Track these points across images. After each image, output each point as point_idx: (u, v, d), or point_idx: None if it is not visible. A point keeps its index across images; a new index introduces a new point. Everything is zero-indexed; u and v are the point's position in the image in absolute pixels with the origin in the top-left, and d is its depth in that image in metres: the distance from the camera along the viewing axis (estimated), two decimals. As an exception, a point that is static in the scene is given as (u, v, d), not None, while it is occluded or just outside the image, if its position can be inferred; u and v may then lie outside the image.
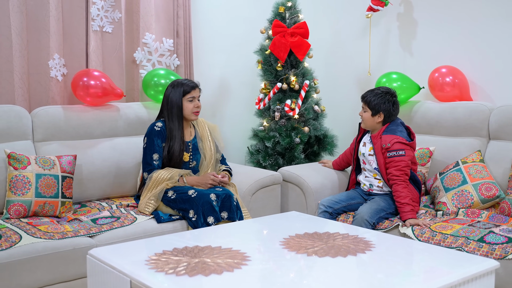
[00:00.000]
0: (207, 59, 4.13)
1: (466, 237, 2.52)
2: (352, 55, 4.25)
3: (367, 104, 3.05)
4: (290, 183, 3.41)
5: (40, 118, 3.11)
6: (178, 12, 3.81)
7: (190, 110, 3.11)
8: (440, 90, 3.47)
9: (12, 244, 2.42)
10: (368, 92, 3.09)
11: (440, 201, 3.00)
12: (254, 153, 3.93)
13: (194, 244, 2.14)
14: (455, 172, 3.05)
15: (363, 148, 3.14)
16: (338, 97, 4.35)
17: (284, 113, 3.78)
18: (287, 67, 3.82)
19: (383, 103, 3.01)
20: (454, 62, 3.55)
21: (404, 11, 3.88)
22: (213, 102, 4.23)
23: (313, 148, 3.93)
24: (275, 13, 3.86)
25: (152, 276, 1.82)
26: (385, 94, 3.03)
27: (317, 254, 2.04)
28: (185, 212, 2.87)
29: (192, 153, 3.17)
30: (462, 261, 2.02)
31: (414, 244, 2.31)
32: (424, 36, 3.79)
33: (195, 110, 3.12)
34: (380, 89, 3.08)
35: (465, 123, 3.28)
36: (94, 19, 3.46)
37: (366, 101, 3.05)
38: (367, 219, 2.83)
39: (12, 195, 2.81)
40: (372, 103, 3.02)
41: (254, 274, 1.88)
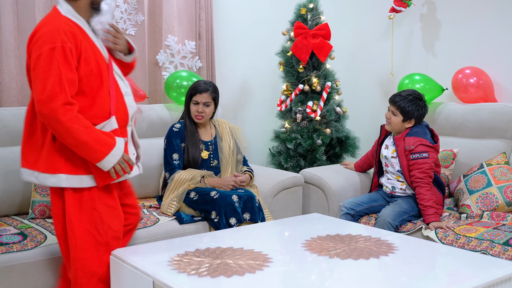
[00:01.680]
0: (229, 61, 4.15)
1: (491, 241, 2.49)
2: (375, 56, 4.22)
3: (399, 109, 2.98)
4: (312, 185, 3.40)
5: (64, 120, 3.15)
6: (200, 15, 3.83)
7: (192, 113, 3.14)
8: (464, 92, 3.43)
9: (38, 244, 2.46)
10: (399, 97, 3.00)
11: (464, 203, 2.97)
12: (276, 155, 3.93)
13: (216, 245, 2.15)
14: (480, 174, 3.01)
15: (385, 150, 3.12)
16: (360, 98, 4.32)
17: (305, 114, 3.77)
18: (309, 68, 3.82)
19: (416, 110, 2.96)
20: (478, 63, 3.50)
21: (427, 11, 3.84)
22: (235, 104, 4.24)
23: (335, 150, 3.91)
24: (296, 15, 3.85)
25: (175, 277, 1.84)
26: (418, 100, 2.97)
27: (339, 256, 2.03)
28: (207, 213, 2.88)
29: (212, 152, 3.19)
30: (487, 265, 1.99)
31: (437, 247, 2.29)
32: (447, 37, 3.75)
33: (196, 114, 3.13)
34: (411, 94, 3.00)
35: (489, 124, 3.24)
36: (118, 22, 3.51)
37: (399, 106, 2.97)
38: (389, 222, 2.81)
39: (37, 196, 2.85)
40: (406, 109, 2.95)
41: (276, 276, 1.88)
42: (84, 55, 2.08)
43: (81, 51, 2.07)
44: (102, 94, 2.14)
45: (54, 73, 1.99)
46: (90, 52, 2.11)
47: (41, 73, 2.01)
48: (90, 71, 2.09)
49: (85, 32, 2.14)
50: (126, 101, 2.22)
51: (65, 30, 2.04)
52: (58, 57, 2.00)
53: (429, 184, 2.88)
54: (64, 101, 1.99)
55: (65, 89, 1.99)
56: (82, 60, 2.07)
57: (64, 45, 2.01)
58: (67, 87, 2.00)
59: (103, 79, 2.14)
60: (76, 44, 2.06)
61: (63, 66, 2.00)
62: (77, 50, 2.06)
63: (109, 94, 2.15)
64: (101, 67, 2.14)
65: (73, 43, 2.05)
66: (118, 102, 2.19)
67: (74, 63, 2.04)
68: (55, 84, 1.98)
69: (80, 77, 2.07)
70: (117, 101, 2.18)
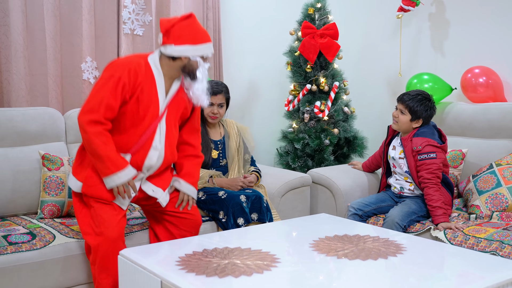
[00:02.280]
0: (237, 61, 4.15)
1: (501, 241, 2.47)
2: (383, 56, 4.21)
3: (407, 108, 2.96)
4: (320, 185, 3.39)
5: (73, 120, 3.17)
6: (207, 15, 3.84)
7: (206, 114, 3.14)
8: (473, 91, 3.41)
9: (46, 243, 2.47)
10: (408, 96, 2.98)
11: (473, 204, 2.95)
12: (283, 155, 3.92)
13: (224, 245, 2.15)
14: (489, 174, 2.99)
15: (393, 151, 3.10)
16: (368, 98, 4.31)
17: (313, 114, 3.77)
18: (316, 68, 3.81)
19: (425, 111, 2.94)
20: (487, 63, 3.48)
21: (435, 11, 3.82)
22: (242, 104, 4.24)
23: (343, 150, 3.90)
24: (304, 15, 3.85)
25: (182, 277, 1.84)
26: (427, 101, 2.96)
27: (347, 256, 2.02)
28: (215, 213, 2.88)
29: (221, 152, 3.19)
30: (496, 266, 1.97)
31: (446, 248, 2.27)
32: (456, 36, 3.72)
33: (211, 115, 3.14)
34: (420, 94, 2.98)
35: (499, 124, 3.21)
36: (126, 22, 3.52)
37: (407, 105, 2.95)
38: (398, 222, 2.80)
39: (46, 196, 2.87)
40: (414, 108, 2.94)
41: (284, 276, 1.87)
42: (138, 96, 2.39)
43: (136, 91, 2.38)
44: (134, 132, 2.42)
45: (100, 95, 2.32)
46: (145, 96, 2.40)
47: (93, 91, 2.37)
48: (136, 110, 2.39)
49: (154, 81, 2.43)
50: (149, 152, 2.45)
51: (130, 68, 2.37)
52: (110, 85, 2.33)
53: (437, 185, 2.86)
54: (96, 119, 2.32)
55: (101, 111, 2.32)
56: (134, 98, 2.38)
57: (120, 78, 2.33)
58: (104, 110, 2.32)
59: (144, 122, 2.41)
60: (134, 83, 2.37)
61: (110, 93, 2.32)
62: (132, 88, 2.36)
63: (140, 137, 2.42)
64: (148, 112, 2.41)
65: (131, 80, 2.36)
66: (142, 148, 2.44)
67: (122, 95, 2.35)
68: (95, 103, 2.32)
69: (126, 109, 2.38)
70: (142, 147, 2.43)
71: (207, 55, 2.48)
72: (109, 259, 2.36)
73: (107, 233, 2.35)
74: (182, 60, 2.43)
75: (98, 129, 2.32)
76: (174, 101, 2.50)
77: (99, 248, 2.36)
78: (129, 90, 2.36)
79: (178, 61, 2.44)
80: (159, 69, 2.44)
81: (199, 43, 2.44)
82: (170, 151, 2.52)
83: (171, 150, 2.54)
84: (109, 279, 2.38)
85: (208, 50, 2.47)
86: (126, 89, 2.35)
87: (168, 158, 2.53)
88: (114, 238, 2.37)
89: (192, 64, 2.45)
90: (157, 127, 2.44)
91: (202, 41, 2.45)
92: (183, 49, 2.41)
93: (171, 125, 2.51)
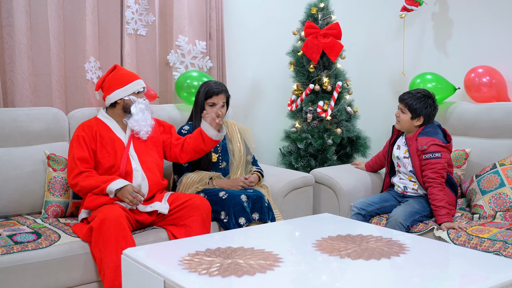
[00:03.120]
0: (240, 61, 4.15)
1: (504, 241, 2.46)
2: (386, 55, 4.20)
3: (407, 107, 2.98)
4: (323, 185, 3.39)
5: (76, 120, 3.17)
6: (210, 15, 3.84)
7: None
8: (477, 91, 3.40)
9: (52, 242, 2.48)
10: (407, 95, 3.01)
11: (476, 204, 2.94)
12: (286, 155, 3.92)
13: (227, 245, 2.15)
14: (492, 174, 2.99)
15: (397, 151, 3.10)
16: (371, 98, 4.31)
17: (316, 114, 3.77)
18: (319, 68, 3.81)
19: (424, 108, 2.95)
20: (491, 62, 3.47)
21: (439, 10, 3.82)
22: (246, 104, 4.24)
23: (346, 150, 3.90)
24: (307, 14, 3.85)
25: (186, 276, 1.84)
26: (426, 98, 2.97)
27: (350, 256, 2.02)
28: (217, 213, 2.88)
29: (221, 154, 3.19)
30: (500, 266, 1.97)
31: (449, 248, 2.27)
32: (459, 36, 3.72)
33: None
34: (420, 92, 3.00)
35: (502, 124, 3.21)
36: (129, 23, 3.52)
37: (407, 103, 2.98)
38: (401, 222, 2.80)
39: (50, 196, 2.88)
40: (413, 106, 2.96)
41: (287, 276, 1.87)
42: (100, 141, 2.82)
43: (96, 139, 2.82)
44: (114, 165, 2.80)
45: (71, 155, 2.76)
46: (107, 139, 2.84)
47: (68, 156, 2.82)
48: (106, 151, 2.82)
49: (108, 126, 2.88)
50: (133, 174, 2.81)
51: (84, 126, 2.85)
52: (75, 144, 2.78)
53: (441, 184, 2.86)
54: (76, 172, 2.71)
55: (78, 165, 2.72)
56: (99, 144, 2.82)
57: (78, 135, 2.80)
58: (79, 163, 2.72)
59: (117, 155, 2.82)
60: (91, 134, 2.81)
61: (77, 148, 2.76)
62: (91, 138, 2.81)
63: (119, 167, 2.80)
64: (116, 147, 2.83)
65: (88, 133, 2.81)
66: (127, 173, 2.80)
67: (87, 146, 2.78)
68: (71, 163, 2.75)
69: (99, 156, 2.80)
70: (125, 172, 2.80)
71: (138, 90, 2.90)
72: (111, 232, 2.45)
73: (109, 214, 2.51)
74: (118, 103, 2.88)
75: (81, 176, 2.69)
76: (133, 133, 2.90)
77: (103, 223, 2.47)
78: (90, 140, 2.79)
79: (117, 105, 2.90)
80: (108, 118, 2.91)
81: (126, 84, 2.87)
82: (151, 173, 2.84)
83: (152, 172, 2.85)
84: (112, 256, 2.43)
85: (137, 86, 2.90)
86: (88, 140, 2.78)
87: (153, 178, 2.84)
88: (117, 215, 2.51)
89: (127, 102, 2.88)
90: (128, 155, 2.83)
91: (128, 82, 2.88)
92: (115, 94, 2.86)
93: (143, 152, 2.89)
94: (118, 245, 2.44)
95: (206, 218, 2.76)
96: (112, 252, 2.44)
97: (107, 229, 2.46)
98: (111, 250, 2.44)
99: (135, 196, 2.63)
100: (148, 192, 2.79)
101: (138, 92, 2.90)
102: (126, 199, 2.63)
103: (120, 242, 2.45)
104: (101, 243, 2.46)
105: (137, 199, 2.63)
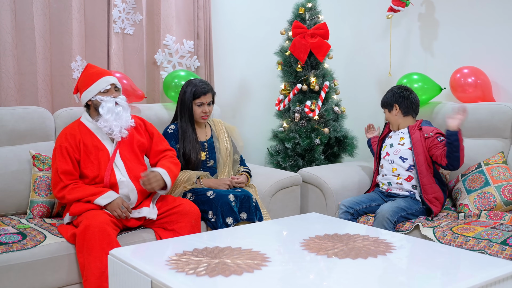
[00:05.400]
0: (227, 61, 4.15)
1: (489, 240, 2.49)
2: (373, 56, 4.23)
3: (382, 105, 3.23)
4: (310, 184, 3.40)
5: (62, 119, 3.15)
6: (198, 14, 3.83)
7: (198, 115, 3.14)
8: (462, 91, 3.43)
9: (37, 243, 2.46)
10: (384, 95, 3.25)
11: (462, 203, 2.97)
12: (274, 154, 3.93)
13: (214, 244, 2.15)
14: (477, 174, 3.02)
15: (389, 140, 3.19)
16: (359, 98, 4.33)
17: (304, 114, 3.77)
18: (307, 68, 3.82)
19: (392, 96, 3.17)
20: (476, 63, 3.51)
21: (425, 11, 3.85)
22: (233, 104, 4.24)
23: (333, 150, 3.91)
24: (295, 14, 3.85)
25: (173, 276, 1.83)
26: (391, 89, 3.20)
27: (338, 255, 2.03)
28: (204, 213, 2.88)
29: (208, 153, 3.19)
30: (484, 264, 1.99)
31: (435, 247, 2.29)
32: (445, 37, 3.75)
33: (203, 115, 3.14)
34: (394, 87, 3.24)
35: (487, 124, 3.24)
36: (116, 21, 3.50)
37: (381, 104, 3.24)
38: (388, 217, 2.82)
39: (36, 196, 2.85)
40: (383, 101, 3.22)
41: (274, 275, 1.88)
42: (84, 151, 2.70)
43: (79, 148, 2.70)
44: (99, 176, 2.69)
45: (54, 169, 2.67)
46: (91, 148, 2.72)
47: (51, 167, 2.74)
48: (90, 161, 2.70)
49: (94, 134, 2.74)
50: (118, 185, 2.70)
51: (66, 134, 2.72)
52: (58, 155, 2.67)
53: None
54: (61, 186, 2.63)
55: (62, 179, 2.63)
56: (83, 154, 2.70)
57: (61, 146, 2.68)
58: (63, 177, 2.63)
59: (101, 166, 2.70)
60: (74, 143, 2.70)
61: (60, 161, 2.66)
62: (75, 148, 2.69)
63: (103, 178, 2.69)
64: (100, 157, 2.71)
65: (71, 143, 2.69)
66: (112, 184, 2.70)
67: (71, 157, 2.67)
68: (54, 177, 2.66)
69: (83, 166, 2.69)
70: (111, 184, 2.70)
71: (104, 88, 2.74)
72: (96, 239, 2.42)
73: (93, 220, 2.47)
74: (90, 105, 2.78)
75: (66, 190, 2.62)
76: (122, 139, 2.77)
77: (87, 229, 2.43)
78: (74, 150, 2.69)
79: (91, 107, 2.78)
80: (92, 121, 2.76)
81: (90, 84, 2.75)
82: (139, 182, 2.72)
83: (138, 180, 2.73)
84: (96, 263, 2.41)
85: (102, 84, 2.74)
86: (71, 151, 2.68)
87: (141, 187, 2.73)
88: (101, 221, 2.47)
89: (95, 103, 2.75)
90: (113, 166, 2.72)
91: (92, 82, 2.75)
92: (83, 96, 2.78)
93: (129, 159, 2.78)
94: (102, 251, 2.40)
95: (195, 224, 2.73)
96: (96, 259, 2.41)
97: (92, 235, 2.43)
98: (95, 256, 2.41)
99: (124, 211, 2.61)
100: (137, 201, 2.74)
101: (105, 91, 2.74)
102: (114, 212, 2.60)
103: (104, 248, 2.40)
104: (85, 250, 2.43)
105: (125, 214, 2.61)
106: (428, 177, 3.00)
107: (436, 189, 3.01)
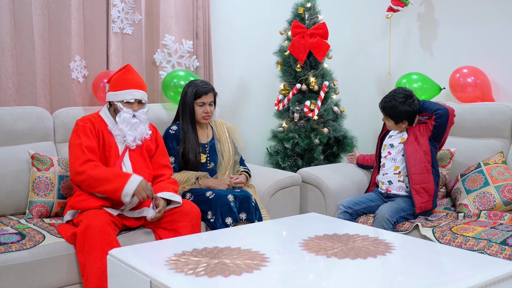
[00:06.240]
0: (227, 61, 4.15)
1: (488, 240, 2.49)
2: (372, 55, 4.22)
3: (387, 116, 3.06)
4: (309, 184, 3.40)
5: (61, 119, 3.15)
6: (197, 14, 3.83)
7: (199, 115, 3.13)
8: (462, 91, 3.43)
9: (36, 243, 2.45)
10: (385, 102, 3.05)
11: (461, 203, 2.97)
12: (273, 154, 3.93)
13: (214, 245, 2.15)
14: (477, 173, 3.02)
15: (389, 139, 3.14)
16: (358, 98, 4.33)
17: (303, 114, 3.77)
18: (306, 68, 3.81)
19: (405, 113, 3.00)
20: (475, 63, 3.51)
21: (425, 11, 3.85)
22: (233, 103, 4.24)
23: (333, 149, 3.91)
24: (294, 14, 3.85)
25: (172, 276, 1.83)
26: (404, 100, 2.99)
27: (337, 255, 2.03)
28: (204, 213, 2.87)
29: (209, 155, 3.18)
30: (484, 264, 1.99)
31: (435, 247, 2.29)
32: (445, 36, 3.75)
33: (204, 115, 3.13)
34: (397, 95, 3.02)
35: (487, 124, 3.24)
36: (115, 21, 3.50)
37: (386, 113, 3.06)
38: (387, 218, 2.82)
39: (34, 196, 2.85)
40: (394, 114, 3.03)
41: (273, 275, 1.87)
42: (102, 141, 2.72)
43: (99, 135, 2.72)
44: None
45: (77, 144, 2.64)
46: (106, 142, 2.73)
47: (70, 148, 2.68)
48: (102, 153, 2.71)
49: (109, 131, 2.76)
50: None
51: (85, 119, 2.75)
52: (81, 133, 2.66)
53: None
54: (83, 160, 2.58)
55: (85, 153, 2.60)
56: (101, 143, 2.71)
57: (85, 126, 2.68)
58: (87, 151, 2.61)
59: (110, 163, 2.72)
60: (95, 128, 2.71)
61: (83, 138, 2.65)
62: (95, 131, 2.71)
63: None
64: (110, 154, 2.72)
65: (93, 126, 2.71)
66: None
67: (93, 135, 2.68)
68: (77, 151, 2.61)
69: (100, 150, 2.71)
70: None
71: (127, 100, 2.75)
72: (96, 238, 2.42)
73: (94, 219, 2.46)
74: (111, 104, 2.81)
75: (89, 164, 2.58)
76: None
77: (88, 229, 2.43)
78: (94, 132, 2.70)
79: (111, 106, 2.81)
80: (110, 117, 2.79)
81: (119, 90, 2.76)
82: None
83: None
84: (97, 262, 2.40)
85: (127, 95, 2.75)
86: (93, 131, 2.69)
87: None
88: (102, 221, 2.47)
89: (115, 108, 2.78)
90: (122, 165, 2.72)
91: (121, 88, 2.76)
92: (108, 95, 2.79)
93: (137, 160, 2.79)
94: (103, 251, 2.39)
95: (196, 224, 2.73)
96: (97, 258, 2.41)
97: (92, 235, 2.42)
98: (95, 256, 2.41)
99: (149, 193, 2.61)
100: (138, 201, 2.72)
101: (127, 102, 2.76)
102: (140, 195, 2.58)
103: (105, 248, 2.40)
104: (85, 249, 2.43)
105: (148, 195, 2.61)
106: (420, 166, 2.95)
107: (427, 179, 2.95)
